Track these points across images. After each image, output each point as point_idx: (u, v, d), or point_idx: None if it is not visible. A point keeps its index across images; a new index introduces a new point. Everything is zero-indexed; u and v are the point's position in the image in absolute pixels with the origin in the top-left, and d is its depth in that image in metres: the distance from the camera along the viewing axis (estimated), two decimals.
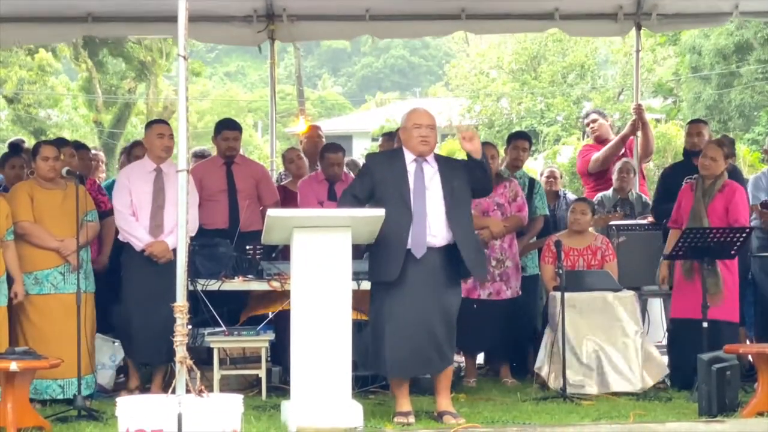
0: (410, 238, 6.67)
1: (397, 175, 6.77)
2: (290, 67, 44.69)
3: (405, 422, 6.63)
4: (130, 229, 7.74)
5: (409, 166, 6.80)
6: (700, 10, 10.20)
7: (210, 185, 8.57)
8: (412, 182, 6.75)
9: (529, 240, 8.91)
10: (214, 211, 8.53)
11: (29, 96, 31.26)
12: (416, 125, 6.80)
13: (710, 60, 28.63)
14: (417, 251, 6.67)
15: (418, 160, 6.80)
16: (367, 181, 6.85)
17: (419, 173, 6.77)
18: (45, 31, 10.13)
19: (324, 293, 6.50)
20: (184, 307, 5.82)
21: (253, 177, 8.76)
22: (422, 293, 6.67)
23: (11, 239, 7.34)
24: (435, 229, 6.70)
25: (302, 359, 6.48)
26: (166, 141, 7.86)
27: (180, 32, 5.87)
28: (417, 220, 6.68)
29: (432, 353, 6.72)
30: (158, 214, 7.76)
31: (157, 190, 7.80)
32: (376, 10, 10.01)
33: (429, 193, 6.74)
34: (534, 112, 34.97)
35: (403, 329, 6.64)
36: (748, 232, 7.83)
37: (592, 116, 10.62)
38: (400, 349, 6.66)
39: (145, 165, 7.94)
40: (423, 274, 6.67)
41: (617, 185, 9.61)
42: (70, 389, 7.42)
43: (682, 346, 7.98)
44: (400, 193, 6.72)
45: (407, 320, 6.64)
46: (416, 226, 6.67)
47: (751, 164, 21.75)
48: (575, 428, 6.41)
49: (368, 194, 6.80)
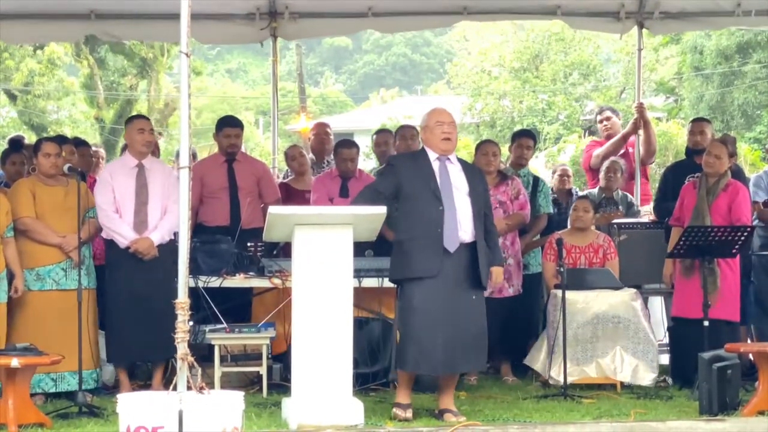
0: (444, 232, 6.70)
1: (424, 172, 6.82)
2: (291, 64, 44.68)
3: (402, 415, 6.65)
4: (113, 227, 7.67)
5: (434, 163, 6.87)
6: (702, 8, 10.18)
7: (211, 182, 8.57)
8: (439, 179, 6.81)
9: (531, 238, 8.91)
10: (215, 208, 8.54)
11: (38, 87, 31.29)
12: (438, 122, 6.90)
13: (712, 60, 28.63)
14: (450, 246, 6.70)
15: (442, 158, 6.88)
16: (392, 179, 6.89)
17: (444, 170, 6.85)
18: (48, 28, 10.11)
19: (325, 290, 6.50)
20: (185, 303, 5.81)
21: (255, 174, 8.76)
22: (455, 289, 6.70)
23: (11, 236, 7.35)
24: (465, 224, 6.75)
25: (303, 356, 6.48)
26: (147, 136, 7.83)
27: (183, 29, 5.86)
28: (449, 214, 6.72)
29: (462, 353, 6.73)
30: (142, 211, 7.71)
31: (140, 186, 7.74)
32: (378, 8, 10.01)
33: (455, 190, 6.81)
34: (535, 110, 34.94)
35: (435, 325, 6.64)
36: (749, 231, 7.82)
37: (606, 113, 10.59)
38: (430, 345, 6.64)
39: (127, 161, 7.87)
40: (455, 269, 6.70)
41: (603, 184, 9.59)
42: (63, 383, 7.43)
43: (683, 344, 7.98)
44: (429, 189, 6.76)
45: (441, 316, 6.65)
46: (448, 221, 6.71)
47: (752, 163, 21.73)
48: (576, 426, 6.40)
49: (393, 191, 6.82)
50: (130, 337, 7.56)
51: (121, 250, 7.65)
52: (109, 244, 7.78)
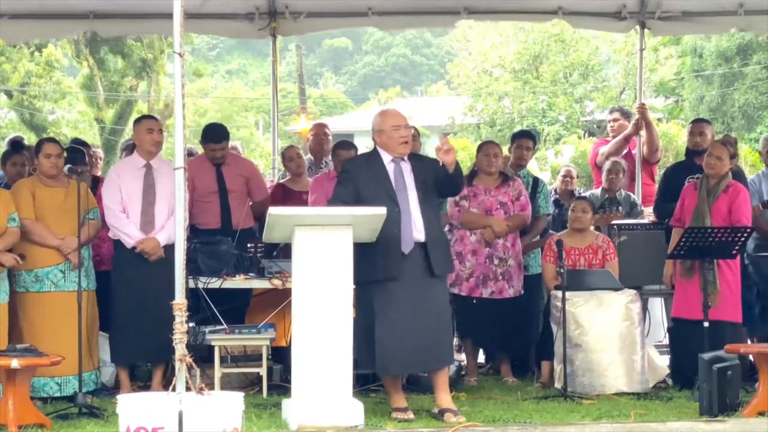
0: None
1: (379, 175, 6.86)
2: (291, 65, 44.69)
3: (405, 417, 6.66)
4: (120, 226, 7.68)
5: (388, 166, 6.90)
6: (704, 8, 10.17)
7: (200, 187, 8.57)
8: (394, 181, 6.85)
9: (531, 239, 8.91)
10: (206, 211, 8.55)
11: (35, 88, 31.29)
12: (395, 126, 6.89)
13: (712, 62, 28.63)
14: (405, 247, 6.74)
15: (396, 159, 6.91)
16: (350, 185, 6.89)
17: (399, 172, 6.88)
18: (48, 26, 10.11)
19: (325, 291, 6.49)
20: (183, 304, 5.81)
21: (243, 175, 8.76)
22: (413, 289, 6.73)
23: (15, 225, 7.31)
24: (419, 224, 6.79)
25: (303, 357, 6.47)
26: (156, 136, 7.83)
27: (175, 29, 5.86)
28: (404, 216, 6.76)
29: (428, 351, 6.74)
30: (149, 211, 7.71)
31: (147, 186, 7.74)
32: (378, 8, 10.00)
33: (410, 190, 6.85)
34: (535, 111, 34.98)
35: (397, 326, 6.67)
36: (749, 232, 7.82)
37: (615, 114, 10.59)
38: (395, 347, 6.67)
39: (135, 161, 7.87)
40: (412, 270, 6.74)
41: (606, 185, 9.59)
42: (68, 387, 7.42)
43: (683, 345, 7.97)
44: (386, 192, 6.80)
45: (401, 317, 6.68)
46: (405, 223, 6.76)
47: (752, 164, 21.73)
48: (576, 427, 6.40)
49: (354, 197, 6.82)
50: (136, 338, 7.55)
51: (127, 251, 7.66)
52: (117, 245, 7.79)
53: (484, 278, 8.36)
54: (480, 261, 8.37)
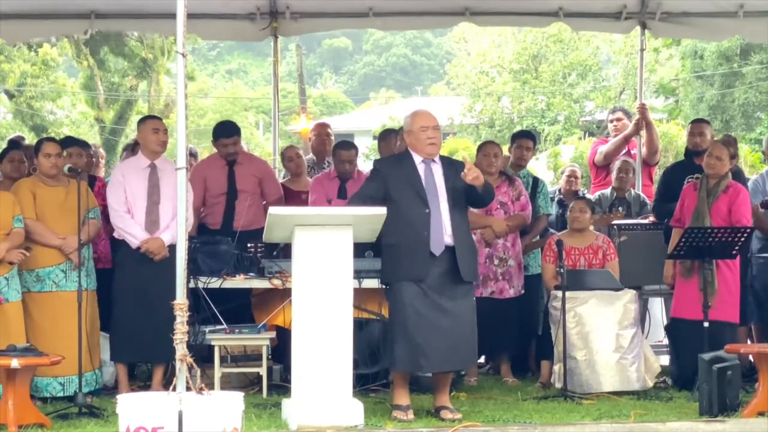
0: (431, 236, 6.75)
1: (410, 175, 6.87)
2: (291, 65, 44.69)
3: (404, 417, 6.67)
4: (125, 226, 7.68)
5: (419, 166, 6.91)
6: (705, 9, 10.16)
7: (213, 187, 8.58)
8: (425, 182, 6.85)
9: (531, 239, 8.91)
10: (215, 212, 8.57)
11: (31, 89, 31.28)
12: (423, 128, 6.92)
13: (713, 62, 28.63)
14: (436, 249, 6.75)
15: (426, 161, 6.92)
16: (379, 183, 6.92)
17: (429, 173, 6.90)
18: (48, 26, 10.11)
19: (325, 291, 6.50)
20: (184, 304, 5.82)
21: (256, 175, 8.75)
22: (442, 289, 6.76)
23: (20, 226, 7.31)
24: (448, 228, 6.81)
25: (303, 357, 6.48)
26: (161, 136, 7.84)
27: (179, 30, 5.86)
28: (434, 218, 6.77)
29: (458, 351, 6.79)
30: (153, 211, 7.71)
31: (152, 186, 7.74)
32: (379, 9, 10.00)
33: (440, 192, 6.86)
34: (535, 111, 34.98)
35: (425, 324, 6.69)
36: (749, 233, 7.82)
37: (617, 114, 10.59)
38: (422, 343, 6.69)
39: (140, 161, 7.87)
40: (441, 273, 6.76)
41: (616, 184, 9.60)
42: (71, 387, 7.41)
43: (683, 345, 7.97)
44: (416, 192, 6.82)
45: (429, 316, 6.70)
46: (434, 225, 6.76)
47: (752, 164, 21.73)
48: (576, 427, 6.40)
49: (382, 196, 6.84)
50: (137, 337, 7.55)
51: (130, 250, 7.65)
52: (116, 244, 7.77)
53: (485, 278, 8.36)
54: (480, 261, 8.37)
